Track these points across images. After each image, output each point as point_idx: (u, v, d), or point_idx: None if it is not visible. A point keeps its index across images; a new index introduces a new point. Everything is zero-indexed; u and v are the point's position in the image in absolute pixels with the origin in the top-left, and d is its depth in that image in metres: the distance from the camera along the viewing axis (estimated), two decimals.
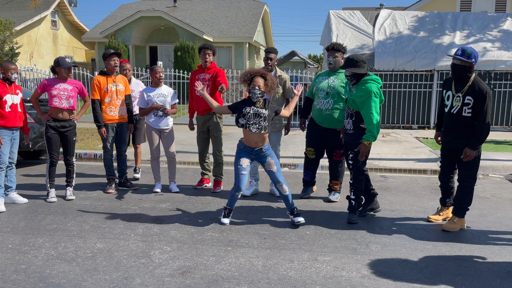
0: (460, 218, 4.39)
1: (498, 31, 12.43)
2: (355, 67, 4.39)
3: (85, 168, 7.18)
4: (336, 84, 5.03)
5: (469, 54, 4.11)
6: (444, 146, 4.50)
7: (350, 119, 4.54)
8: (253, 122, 4.32)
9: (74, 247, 3.85)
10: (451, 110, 4.30)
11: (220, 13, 24.55)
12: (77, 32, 26.74)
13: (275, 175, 4.45)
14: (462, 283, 3.26)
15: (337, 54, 5.04)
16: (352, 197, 4.62)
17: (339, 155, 5.18)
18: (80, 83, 5.36)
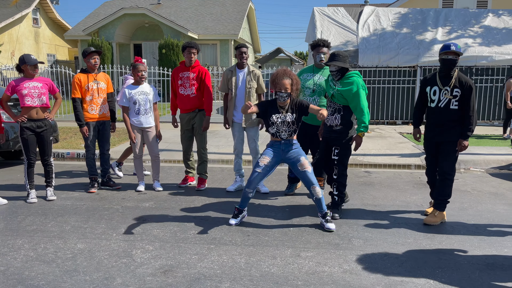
0: (441, 212, 4.45)
1: (480, 27, 12.61)
2: (341, 61, 4.45)
3: (68, 167, 7.08)
4: (322, 82, 5.05)
5: (459, 48, 4.28)
6: (429, 142, 4.56)
7: (337, 114, 4.53)
8: (283, 129, 4.21)
9: (54, 248, 3.80)
10: (439, 104, 4.37)
11: (205, 10, 24.42)
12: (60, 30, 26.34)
13: (309, 176, 4.20)
14: (441, 275, 3.30)
15: (326, 50, 5.06)
16: (335, 193, 4.66)
17: None
18: (49, 80, 5.27)
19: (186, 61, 5.52)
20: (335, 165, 4.62)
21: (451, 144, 4.36)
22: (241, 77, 5.39)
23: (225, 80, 5.47)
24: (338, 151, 4.57)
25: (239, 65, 5.42)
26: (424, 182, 6.19)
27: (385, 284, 3.17)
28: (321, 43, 5.05)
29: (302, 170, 4.23)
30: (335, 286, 3.15)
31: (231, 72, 5.42)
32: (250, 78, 5.37)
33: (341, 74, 4.50)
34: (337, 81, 4.54)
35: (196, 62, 5.52)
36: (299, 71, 5.36)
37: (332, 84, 4.60)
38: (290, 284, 3.17)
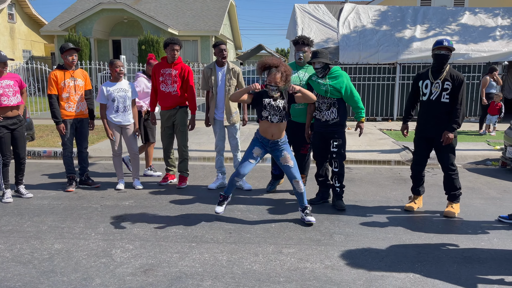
0: (457, 203, 4.61)
1: (457, 25, 12.85)
2: (325, 58, 4.61)
3: (44, 166, 6.91)
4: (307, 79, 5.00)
5: (451, 43, 4.39)
6: (419, 135, 4.64)
7: (333, 107, 4.67)
8: (274, 113, 4.20)
9: (30, 249, 3.70)
10: (430, 96, 4.45)
11: (185, 6, 24.18)
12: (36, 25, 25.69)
13: (291, 170, 4.26)
14: (421, 269, 3.35)
15: (306, 49, 5.03)
16: (337, 185, 4.81)
17: (306, 149, 5.18)
18: (18, 76, 5.12)
19: (168, 57, 5.42)
20: (334, 157, 4.74)
21: None
22: (221, 75, 5.34)
23: (205, 78, 5.41)
24: (337, 143, 4.71)
25: (218, 63, 5.37)
26: (404, 177, 6.27)
27: (366, 279, 3.19)
28: (301, 41, 4.99)
29: (285, 164, 4.27)
30: (317, 282, 3.16)
31: (210, 70, 5.36)
32: (230, 76, 5.33)
33: (325, 71, 4.64)
34: (322, 78, 4.65)
35: (178, 59, 5.44)
36: None
37: (320, 81, 4.67)
38: (272, 281, 3.16)
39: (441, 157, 4.54)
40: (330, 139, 4.75)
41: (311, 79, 4.80)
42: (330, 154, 4.78)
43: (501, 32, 12.45)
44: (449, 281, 3.17)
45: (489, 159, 7.48)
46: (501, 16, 13.12)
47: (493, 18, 13.06)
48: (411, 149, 7.93)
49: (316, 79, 4.72)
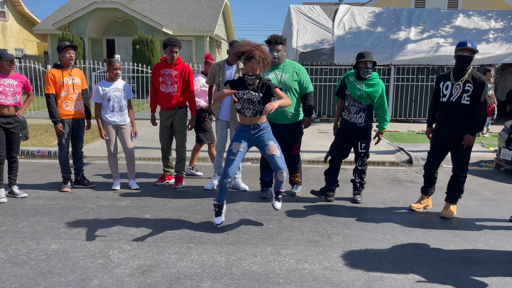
0: (454, 205, 4.65)
1: (451, 27, 12.94)
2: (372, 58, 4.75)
3: (39, 166, 6.85)
4: (287, 79, 4.89)
5: (475, 45, 4.37)
6: (437, 137, 4.63)
7: (362, 113, 4.86)
8: (247, 106, 4.10)
9: (26, 250, 3.65)
10: (450, 98, 4.45)
11: (180, 5, 24.11)
12: (28, 23, 25.44)
13: (277, 160, 4.13)
14: (419, 270, 3.36)
15: (280, 47, 4.88)
16: (357, 180, 5.06)
17: (296, 148, 5.13)
18: (24, 77, 5.08)
19: (167, 58, 5.37)
20: (361, 157, 5.00)
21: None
22: (229, 73, 5.27)
23: (212, 74, 5.33)
24: (364, 145, 4.95)
25: (228, 62, 5.29)
26: (400, 178, 6.30)
27: (365, 280, 3.20)
28: (274, 40, 4.89)
29: (270, 153, 4.16)
30: (316, 283, 3.16)
31: (219, 67, 5.27)
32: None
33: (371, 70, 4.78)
34: (360, 81, 4.78)
35: (178, 59, 5.41)
36: None
37: (357, 85, 4.78)
38: (271, 282, 3.16)
39: (456, 158, 4.54)
40: (357, 141, 4.94)
41: (348, 79, 4.87)
42: (358, 154, 5.00)
43: (494, 34, 12.56)
44: (447, 282, 3.19)
45: (483, 160, 7.54)
46: (494, 19, 13.24)
47: (487, 21, 13.17)
48: (406, 151, 7.98)
49: (353, 80, 4.82)
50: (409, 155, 7.73)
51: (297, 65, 5.03)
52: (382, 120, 4.98)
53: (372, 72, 4.80)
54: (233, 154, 4.12)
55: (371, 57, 4.74)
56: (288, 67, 4.95)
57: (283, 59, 4.97)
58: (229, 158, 4.13)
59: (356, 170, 5.05)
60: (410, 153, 7.80)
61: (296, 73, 4.93)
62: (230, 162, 4.10)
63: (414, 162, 7.51)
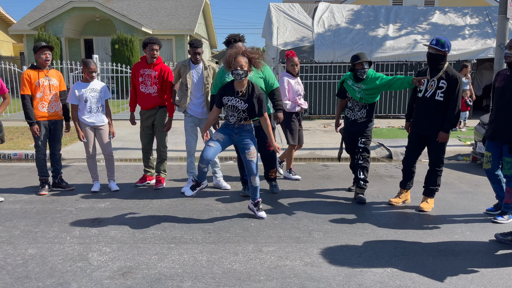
0: (431, 198, 4.74)
1: (427, 24, 13.16)
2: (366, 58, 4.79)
3: (15, 169, 6.70)
4: (252, 77, 4.78)
5: (442, 43, 4.41)
6: (413, 131, 4.71)
7: (364, 109, 4.94)
8: (231, 114, 4.17)
9: (2, 255, 3.58)
10: (425, 94, 4.53)
11: (159, 4, 23.88)
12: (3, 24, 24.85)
13: (253, 166, 4.31)
14: (398, 263, 3.42)
15: (241, 45, 4.89)
16: (361, 177, 4.99)
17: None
18: None
19: (147, 58, 5.31)
20: (361, 151, 4.98)
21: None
22: (196, 72, 5.26)
23: (176, 73, 5.29)
24: (364, 140, 4.96)
25: (193, 61, 5.27)
26: (380, 174, 6.39)
27: (345, 275, 3.24)
28: (233, 39, 4.93)
29: (249, 158, 4.29)
30: (297, 279, 3.18)
31: (184, 66, 5.23)
32: (208, 74, 5.28)
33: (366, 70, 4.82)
34: (358, 82, 4.84)
35: (158, 59, 5.35)
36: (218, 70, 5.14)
37: (356, 87, 4.86)
38: (252, 280, 3.17)
39: (432, 153, 4.63)
40: (358, 136, 5.01)
41: (347, 82, 4.96)
42: (357, 149, 5.02)
43: (470, 31, 12.83)
44: (425, 274, 3.25)
45: (460, 154, 7.70)
46: (470, 16, 13.51)
47: (462, 17, 13.44)
48: (386, 146, 8.09)
49: (352, 83, 4.89)
50: (389, 150, 7.84)
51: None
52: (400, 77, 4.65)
53: (367, 72, 4.83)
54: (211, 140, 4.20)
55: (366, 57, 4.80)
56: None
57: None
58: (208, 145, 4.18)
59: (359, 167, 5.01)
60: (389, 148, 7.92)
61: (260, 70, 4.89)
62: (208, 149, 4.15)
63: (393, 157, 7.62)
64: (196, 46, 5.14)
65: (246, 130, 4.30)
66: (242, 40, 5.00)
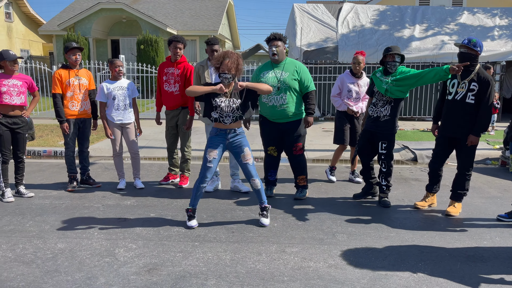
0: (459, 203, 4.63)
1: (455, 25, 12.88)
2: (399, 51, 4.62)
3: (45, 166, 6.90)
4: (287, 78, 4.77)
5: (474, 43, 4.30)
6: (441, 134, 4.60)
7: (388, 105, 4.71)
8: (227, 114, 4.08)
9: (33, 248, 3.69)
10: (455, 96, 4.42)
11: (184, 5, 24.16)
12: (33, 24, 25.59)
13: (250, 168, 4.21)
14: (424, 268, 3.36)
15: (279, 43, 4.80)
16: (383, 183, 4.89)
17: (299, 148, 5.02)
18: (29, 78, 5.13)
19: (171, 56, 5.39)
20: (383, 159, 4.81)
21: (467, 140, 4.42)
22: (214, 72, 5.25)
23: (195, 74, 5.32)
24: (386, 145, 4.76)
25: (210, 60, 5.23)
26: (404, 176, 6.29)
27: (370, 278, 3.20)
28: (273, 37, 4.83)
29: (244, 161, 4.19)
30: (321, 281, 3.17)
31: (202, 67, 5.25)
32: None
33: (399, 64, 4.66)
34: (386, 76, 4.67)
35: (182, 57, 5.40)
36: (255, 69, 5.15)
37: (384, 79, 4.68)
38: (276, 280, 3.17)
39: (461, 156, 4.51)
40: (378, 140, 4.80)
41: (375, 75, 4.81)
42: (379, 155, 4.84)
43: (499, 32, 12.49)
44: (453, 279, 3.19)
45: (488, 158, 7.51)
46: (499, 16, 13.16)
47: (491, 18, 13.10)
48: (411, 149, 7.96)
49: (380, 76, 4.74)
50: (414, 153, 7.71)
51: (298, 63, 4.93)
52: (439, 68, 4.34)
53: (398, 68, 4.66)
54: (208, 161, 4.14)
55: (399, 50, 4.63)
56: (288, 66, 4.86)
57: (283, 56, 4.89)
58: (205, 165, 4.14)
59: (381, 173, 4.88)
60: (415, 151, 7.78)
61: (296, 72, 4.83)
62: (207, 169, 4.14)
63: (419, 160, 7.49)
64: (213, 44, 5.14)
65: (238, 134, 4.17)
66: (283, 40, 4.89)
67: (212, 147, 4.15)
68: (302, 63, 4.99)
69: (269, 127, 5.02)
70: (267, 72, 4.90)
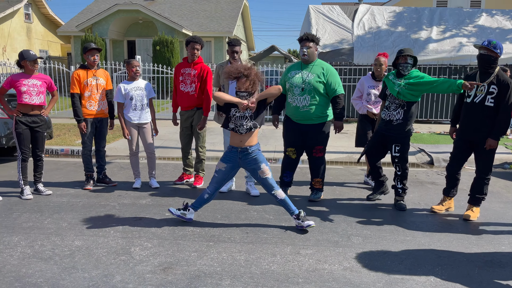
0: (477, 207, 4.55)
1: (474, 27, 12.69)
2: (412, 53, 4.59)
3: (62, 164, 7.01)
4: (312, 79, 4.75)
5: (494, 44, 4.24)
6: (460, 137, 4.54)
7: (401, 109, 4.65)
8: (240, 124, 4.03)
9: (51, 245, 3.75)
10: (474, 99, 4.35)
11: (199, 7, 24.31)
12: (52, 25, 26.06)
13: (270, 181, 4.15)
14: (441, 273, 3.32)
15: (311, 45, 4.77)
16: (399, 186, 4.87)
17: (319, 151, 5.01)
18: (48, 77, 5.22)
19: (188, 56, 5.42)
20: (397, 162, 4.78)
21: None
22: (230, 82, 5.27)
23: (216, 74, 5.37)
24: (399, 148, 4.72)
25: (231, 61, 5.27)
26: (420, 180, 6.21)
27: (386, 282, 3.17)
28: (306, 37, 4.78)
29: (263, 177, 4.13)
30: (336, 283, 3.15)
31: (222, 68, 5.29)
32: None
33: (413, 66, 4.63)
34: (399, 78, 4.62)
35: (199, 58, 5.43)
36: (286, 68, 5.18)
37: (396, 81, 4.63)
38: (291, 282, 3.16)
39: (480, 160, 4.44)
40: (391, 143, 4.75)
41: (388, 77, 4.76)
42: (392, 158, 4.81)
43: None
44: (470, 285, 3.13)
45: (507, 162, 7.38)
46: None
47: (510, 20, 12.87)
48: (427, 152, 7.86)
49: (393, 78, 4.70)
50: (430, 156, 7.61)
51: (327, 66, 4.86)
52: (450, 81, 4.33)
53: (411, 71, 4.62)
54: (215, 171, 4.25)
55: (412, 52, 4.59)
56: (316, 68, 4.82)
57: (313, 57, 4.85)
58: (214, 175, 4.26)
59: (396, 176, 4.85)
60: (431, 154, 7.69)
61: (323, 74, 4.77)
62: (213, 178, 4.26)
63: (435, 163, 7.40)
64: (234, 45, 5.16)
65: (250, 153, 4.09)
66: (315, 40, 4.82)
67: (223, 160, 4.22)
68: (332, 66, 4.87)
69: (292, 127, 5.01)
70: (295, 72, 4.90)
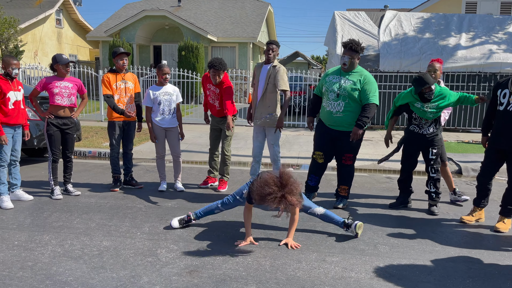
0: (509, 219, 4.43)
1: (504, 34, 12.38)
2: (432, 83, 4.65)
3: (90, 166, 7.16)
4: (348, 86, 4.72)
5: None
6: (492, 146, 4.43)
7: (433, 124, 4.89)
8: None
9: (80, 245, 3.83)
10: (508, 107, 4.25)
11: (224, 13, 24.54)
12: (82, 30, 26.79)
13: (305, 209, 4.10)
14: (472, 285, 3.22)
15: (354, 56, 4.74)
16: (432, 190, 4.94)
17: (349, 158, 4.96)
18: (79, 80, 5.38)
19: (211, 79, 5.50)
20: (432, 164, 4.90)
21: None
22: (264, 71, 5.33)
23: (254, 73, 5.53)
24: (436, 151, 4.88)
25: (265, 61, 5.38)
26: None
27: None
28: (350, 46, 4.72)
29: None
30: None
31: (258, 68, 5.43)
32: (270, 74, 5.25)
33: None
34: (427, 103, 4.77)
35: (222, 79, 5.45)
36: (325, 72, 5.21)
37: (426, 109, 4.79)
38: None
39: (510, 170, 4.30)
40: (428, 147, 4.90)
41: (414, 106, 4.83)
42: (428, 161, 4.91)
43: None
44: None
45: None
46: None
47: None
48: (455, 161, 7.68)
49: (421, 106, 4.79)
50: (459, 166, 7.43)
51: (366, 74, 4.80)
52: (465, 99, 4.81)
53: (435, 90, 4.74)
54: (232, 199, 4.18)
55: (430, 78, 4.63)
56: (354, 75, 4.78)
57: (354, 67, 4.81)
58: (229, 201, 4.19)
59: (430, 179, 4.92)
60: (459, 163, 7.51)
61: (360, 81, 4.74)
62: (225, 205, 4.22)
63: (464, 173, 7.22)
64: (271, 42, 5.28)
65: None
66: (359, 51, 4.75)
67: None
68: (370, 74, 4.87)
69: (323, 131, 5.01)
70: (332, 77, 4.91)
